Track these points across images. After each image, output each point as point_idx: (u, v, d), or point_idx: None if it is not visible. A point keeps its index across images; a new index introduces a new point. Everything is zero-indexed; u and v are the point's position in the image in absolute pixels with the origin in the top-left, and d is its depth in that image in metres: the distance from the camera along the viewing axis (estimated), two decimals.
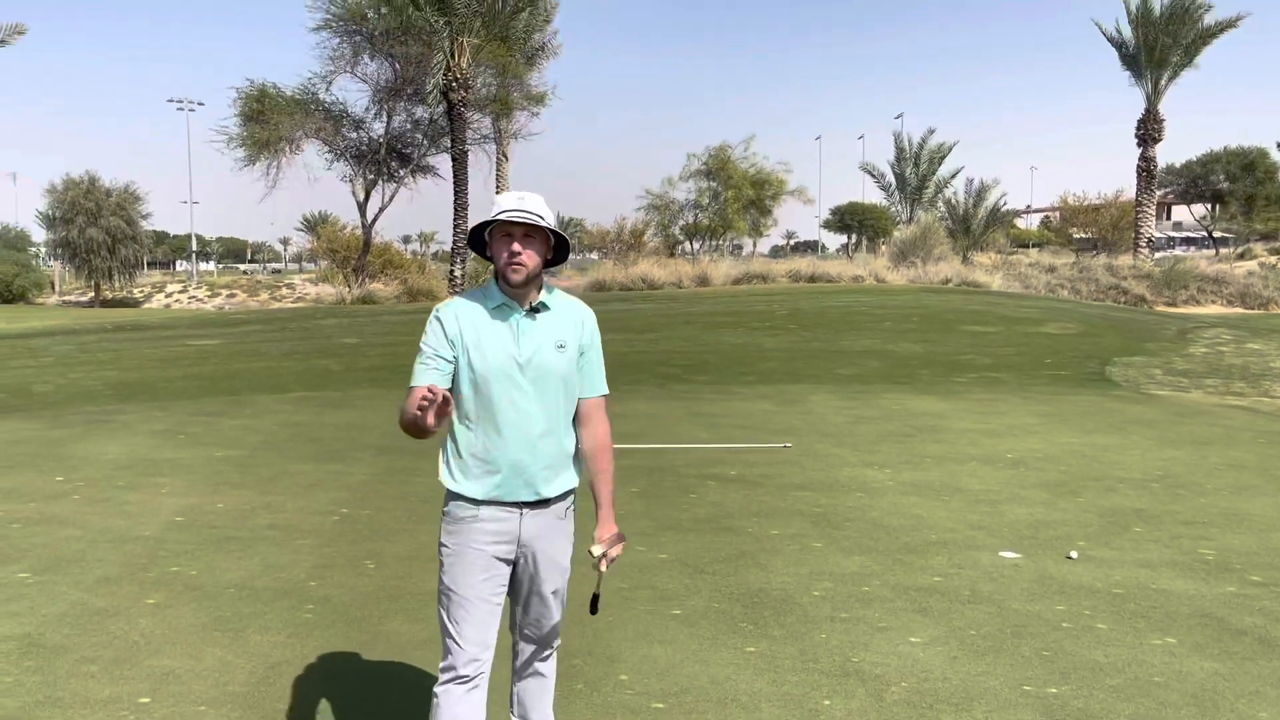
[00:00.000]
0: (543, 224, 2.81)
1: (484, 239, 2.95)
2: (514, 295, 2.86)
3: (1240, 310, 28.44)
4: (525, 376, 2.83)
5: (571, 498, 3.01)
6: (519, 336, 2.84)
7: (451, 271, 30.46)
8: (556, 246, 2.93)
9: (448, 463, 2.90)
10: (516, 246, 2.80)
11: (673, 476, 7.65)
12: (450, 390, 2.87)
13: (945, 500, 7.01)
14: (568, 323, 2.93)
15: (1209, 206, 71.23)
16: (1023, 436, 9.23)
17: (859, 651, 4.31)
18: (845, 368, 13.39)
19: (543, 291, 2.91)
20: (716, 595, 5.06)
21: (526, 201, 2.84)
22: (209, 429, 9.59)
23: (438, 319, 2.86)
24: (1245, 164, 63.77)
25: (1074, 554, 5.81)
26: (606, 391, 3.07)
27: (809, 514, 6.65)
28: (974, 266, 32.02)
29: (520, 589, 2.97)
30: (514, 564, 2.91)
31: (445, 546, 2.88)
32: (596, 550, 2.94)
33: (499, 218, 2.78)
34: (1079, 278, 30.13)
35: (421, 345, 2.88)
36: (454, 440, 2.89)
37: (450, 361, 2.84)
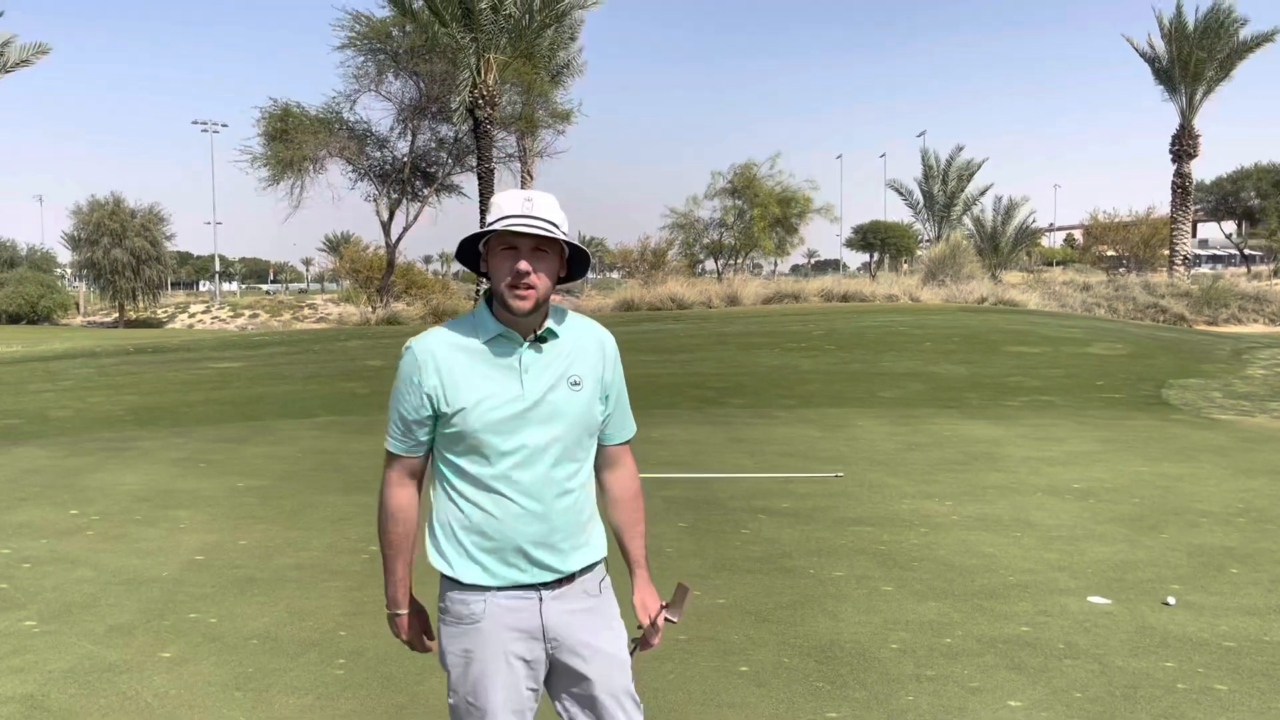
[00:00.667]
0: (557, 235, 2.21)
1: (477, 250, 2.31)
2: (514, 323, 2.26)
3: None
4: (534, 425, 2.23)
5: (602, 569, 2.40)
6: (523, 375, 2.24)
7: (477, 291, 30.12)
8: (571, 260, 2.33)
9: (436, 541, 2.29)
10: (524, 265, 2.19)
11: (720, 510, 7.19)
12: (429, 453, 2.34)
13: (1016, 536, 6.53)
14: (584, 351, 2.34)
15: (1237, 223, 70.25)
16: (1087, 465, 8.72)
17: (954, 718, 3.83)
18: (888, 390, 12.90)
19: (549, 316, 2.32)
20: (785, 648, 4.59)
21: (536, 204, 2.22)
22: (231, 457, 9.20)
23: (411, 365, 2.26)
24: (1276, 180, 62.80)
25: (1171, 600, 5.30)
26: (635, 431, 2.52)
27: (872, 552, 6.17)
28: (1003, 285, 31.44)
29: (573, 702, 2.32)
30: (549, 667, 2.31)
31: (450, 653, 2.29)
32: (672, 615, 2.45)
33: (499, 227, 2.20)
34: (1115, 296, 29.48)
35: (391, 402, 2.32)
36: (444, 513, 2.28)
37: (427, 423, 2.27)
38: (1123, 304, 28.80)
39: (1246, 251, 69.73)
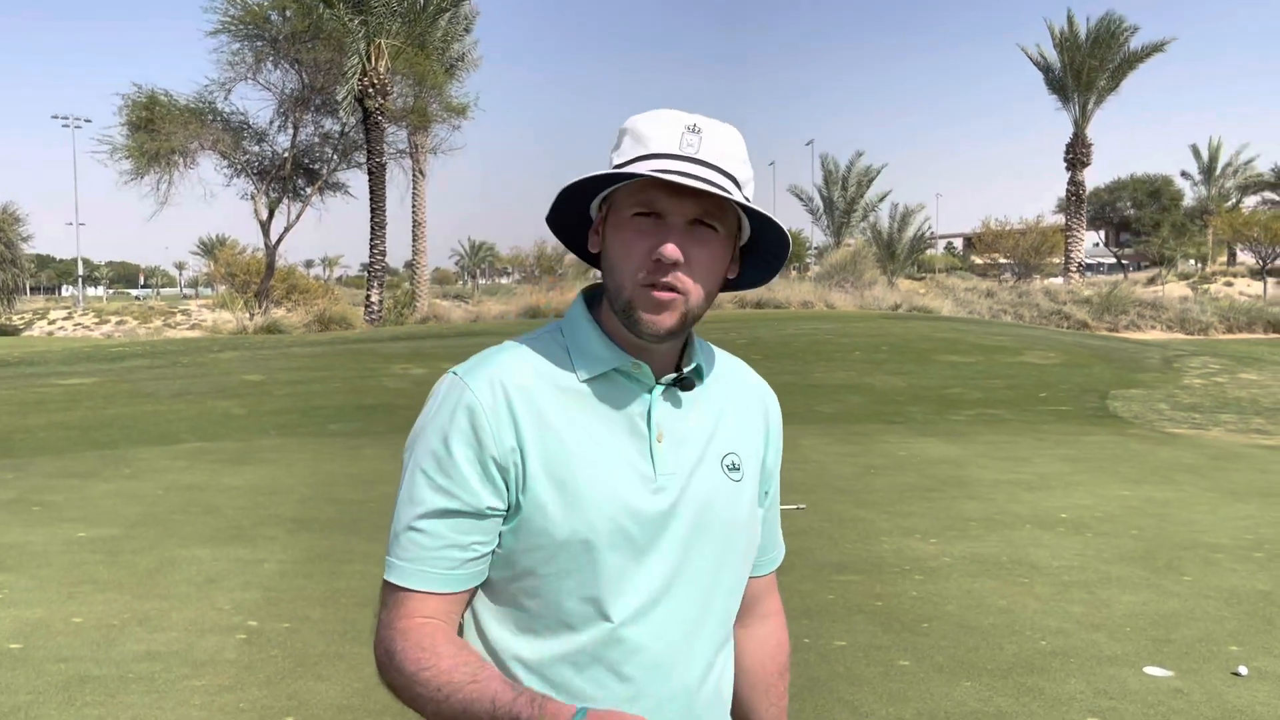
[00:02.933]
0: (736, 197, 1.19)
1: (586, 213, 1.29)
2: (643, 349, 1.25)
3: (1181, 335, 28.20)
4: (671, 541, 1.24)
5: None
6: (653, 444, 1.24)
7: (368, 297, 28.34)
8: (752, 249, 1.31)
9: None
10: (671, 248, 1.17)
11: None
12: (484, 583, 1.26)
13: (1025, 583, 5.63)
14: (742, 414, 1.36)
15: (1110, 232, 73.10)
16: (1064, 490, 7.94)
17: None
18: (826, 404, 12.01)
19: (695, 346, 1.31)
20: None
21: (706, 139, 1.20)
22: (73, 497, 7.62)
23: (466, 409, 1.19)
24: (1151, 191, 65.51)
25: (1243, 669, 4.44)
26: (782, 557, 1.52)
27: (870, 610, 5.17)
28: (907, 291, 31.39)
29: None
30: None
31: None
32: None
33: (642, 170, 1.16)
34: (1020, 303, 29.66)
35: (412, 486, 1.22)
36: None
37: (495, 520, 1.21)
38: (1027, 310, 28.97)
39: (1123, 260, 72.59)
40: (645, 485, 1.22)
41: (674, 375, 1.27)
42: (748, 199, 1.21)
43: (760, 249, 1.30)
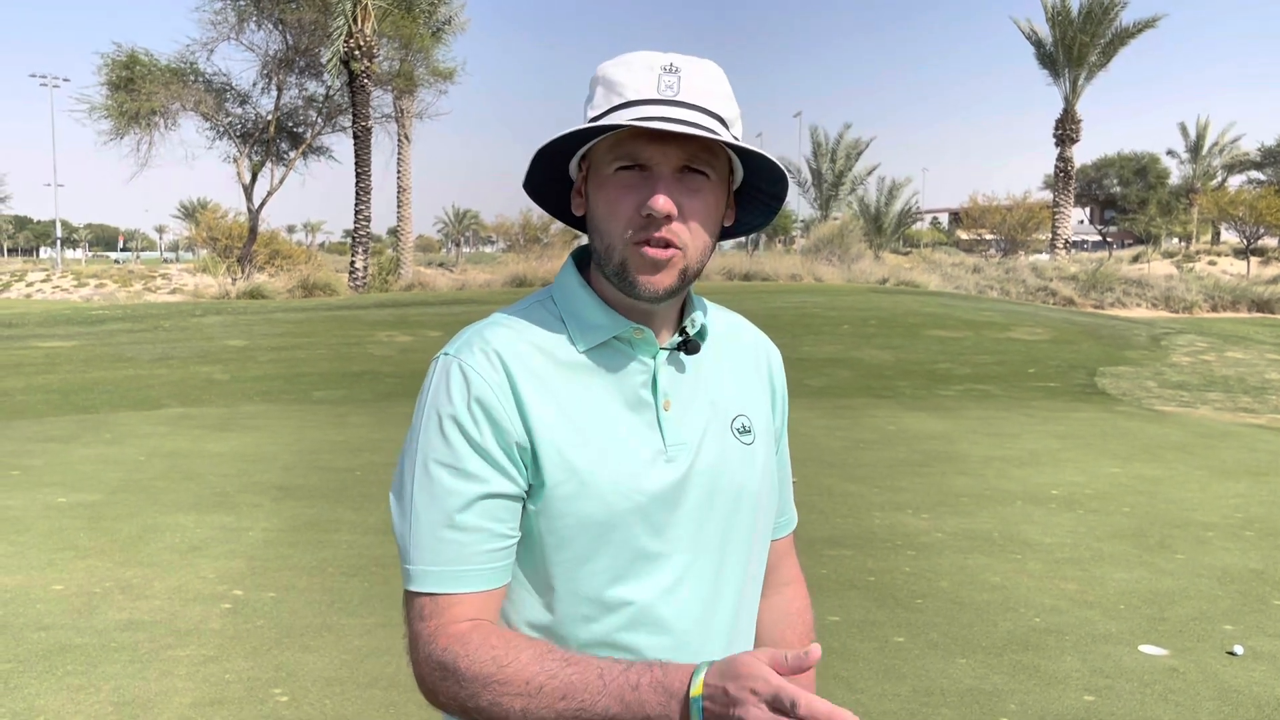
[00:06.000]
0: (725, 137, 1.10)
1: (565, 175, 1.21)
2: (642, 313, 1.19)
3: (1166, 313, 28.33)
4: (685, 515, 1.17)
5: None
6: (660, 415, 1.18)
7: (353, 263, 28.07)
8: (746, 192, 1.23)
9: None
10: (661, 200, 1.09)
11: None
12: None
13: (1018, 559, 5.61)
14: (746, 373, 1.30)
15: (1096, 210, 73.31)
16: (1054, 466, 7.92)
17: None
18: (814, 378, 11.96)
19: (695, 305, 1.25)
20: None
21: (685, 80, 1.12)
22: (53, 461, 7.49)
23: (466, 392, 1.11)
24: (1137, 169, 65.64)
25: (1239, 649, 4.43)
26: (795, 522, 1.46)
27: (863, 586, 5.14)
28: (894, 265, 31.35)
29: None
30: None
31: None
32: None
33: (620, 120, 1.08)
34: (1007, 278, 29.71)
35: (418, 485, 1.12)
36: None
37: (516, 503, 1.13)
38: (1014, 286, 29.02)
39: (1096, 238, 72.86)
40: (656, 458, 1.16)
41: (678, 338, 1.22)
42: (736, 138, 1.14)
43: (755, 191, 1.23)
